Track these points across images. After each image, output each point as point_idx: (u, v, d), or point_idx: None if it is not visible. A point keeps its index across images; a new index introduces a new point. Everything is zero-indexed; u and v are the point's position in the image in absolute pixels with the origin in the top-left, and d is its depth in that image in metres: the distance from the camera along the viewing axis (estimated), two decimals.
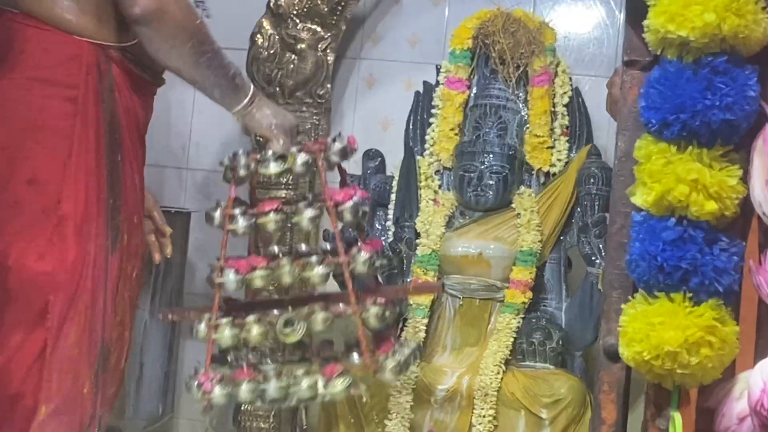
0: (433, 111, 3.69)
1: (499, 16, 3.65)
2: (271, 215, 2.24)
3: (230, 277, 2.24)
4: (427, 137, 3.70)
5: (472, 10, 3.71)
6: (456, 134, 3.65)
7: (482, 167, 3.55)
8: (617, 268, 1.74)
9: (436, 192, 3.66)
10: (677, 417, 1.67)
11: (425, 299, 3.53)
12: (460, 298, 3.54)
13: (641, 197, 1.68)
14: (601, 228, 3.31)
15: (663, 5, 1.63)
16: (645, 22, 1.67)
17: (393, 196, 3.69)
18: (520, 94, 3.64)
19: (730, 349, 1.64)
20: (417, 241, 3.60)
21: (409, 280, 3.56)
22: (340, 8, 3.68)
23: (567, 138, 3.62)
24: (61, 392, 2.37)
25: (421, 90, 3.75)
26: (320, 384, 2.15)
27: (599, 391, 1.76)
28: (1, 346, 2.35)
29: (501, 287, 3.52)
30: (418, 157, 3.69)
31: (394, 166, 3.74)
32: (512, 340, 3.43)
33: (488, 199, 3.56)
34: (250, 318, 2.23)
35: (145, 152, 2.63)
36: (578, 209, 3.51)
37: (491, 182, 3.55)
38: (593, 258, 3.33)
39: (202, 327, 2.25)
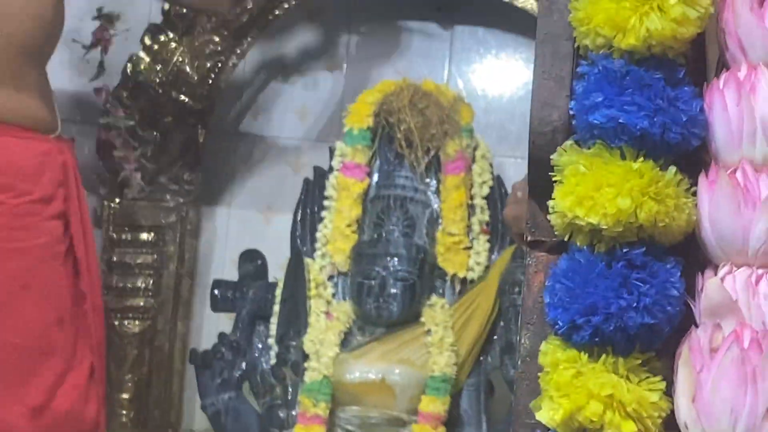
0: (326, 203, 3.58)
1: (405, 89, 3.60)
2: None
3: None
4: (318, 234, 3.61)
5: (374, 80, 3.66)
6: (353, 231, 3.57)
7: (385, 273, 3.51)
8: None
9: (329, 302, 3.59)
10: None
11: None
12: None
13: (547, 414, 1.65)
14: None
15: (570, 185, 1.60)
16: (549, 201, 1.68)
17: (276, 308, 3.67)
18: (431, 184, 3.62)
19: None
20: (305, 364, 3.57)
21: (295, 413, 3.56)
22: (212, 75, 3.68)
23: (487, 237, 3.60)
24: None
25: (311, 176, 3.73)
26: None
27: None
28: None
29: (408, 421, 3.50)
30: (308, 259, 3.64)
31: (279, 267, 3.73)
32: None
33: (392, 312, 3.50)
34: None
35: None
36: (501, 323, 3.52)
37: (396, 291, 3.50)
38: None
39: None
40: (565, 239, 1.69)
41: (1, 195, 2.66)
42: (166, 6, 3.51)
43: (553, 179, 1.68)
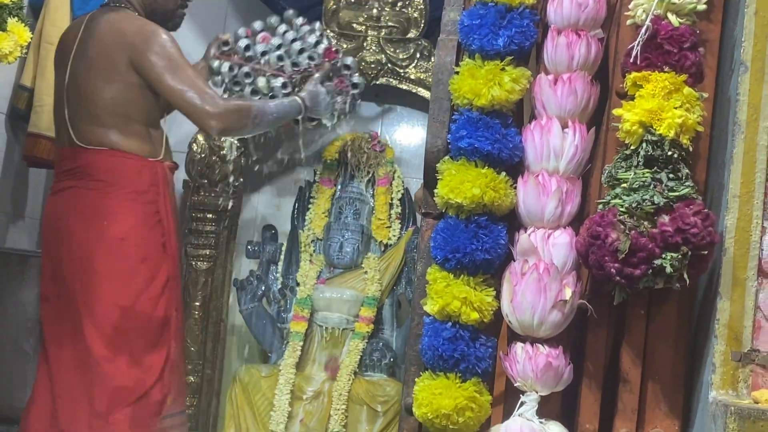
0: (311, 200, 3.63)
1: (357, 139, 3.58)
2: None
3: None
4: (306, 217, 3.64)
5: (340, 132, 3.67)
6: (326, 216, 3.58)
7: (342, 239, 3.50)
8: (415, 351, 1.72)
9: (311, 255, 3.59)
10: None
11: (301, 328, 3.46)
12: (325, 328, 3.49)
13: (430, 307, 1.66)
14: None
15: (447, 180, 1.63)
16: (435, 190, 1.66)
17: (282, 257, 3.62)
18: (369, 191, 3.60)
19: (486, 412, 1.64)
20: (297, 288, 3.53)
21: (291, 315, 3.50)
22: None
23: (399, 221, 3.59)
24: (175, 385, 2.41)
25: (303, 185, 3.70)
26: None
27: None
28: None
29: (353, 321, 3.47)
30: (300, 231, 3.63)
31: (284, 235, 3.67)
32: (359, 357, 3.39)
33: (346, 261, 3.49)
34: None
35: None
36: (405, 268, 3.48)
37: (348, 249, 3.48)
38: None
39: None
40: (443, 211, 1.64)
41: (110, 187, 2.40)
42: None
43: (437, 177, 1.64)
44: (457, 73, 1.67)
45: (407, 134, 3.73)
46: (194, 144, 3.59)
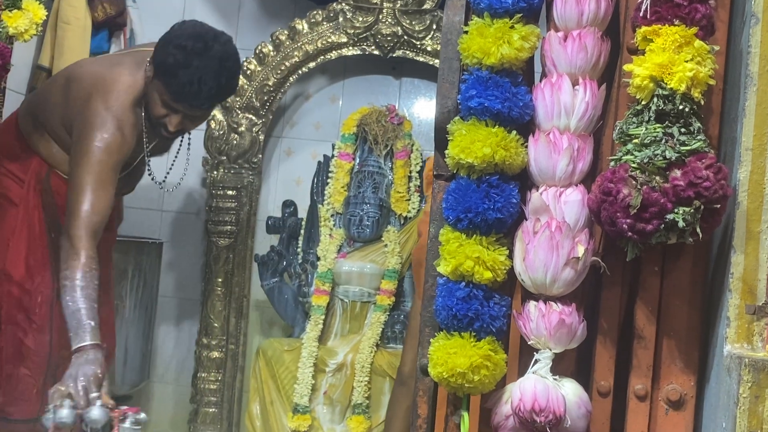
0: (330, 174, 3.66)
1: (374, 112, 3.63)
2: None
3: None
4: (325, 192, 3.67)
5: (357, 107, 3.69)
6: (345, 190, 3.62)
7: (362, 213, 3.53)
8: (429, 312, 1.73)
9: (331, 229, 3.63)
10: (465, 415, 1.66)
11: (322, 301, 3.50)
12: (346, 301, 3.52)
13: (443, 267, 1.66)
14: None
15: (457, 141, 1.62)
16: (446, 151, 1.66)
17: (302, 232, 3.65)
18: (388, 164, 3.62)
19: (501, 370, 1.64)
20: (318, 262, 3.57)
21: (312, 289, 3.53)
22: (268, 104, 3.64)
23: (418, 194, 3.61)
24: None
25: (322, 160, 3.72)
26: None
27: (416, 395, 1.75)
28: None
29: (374, 293, 3.51)
30: (319, 205, 3.66)
31: (303, 210, 3.70)
32: (381, 329, 3.43)
33: (366, 234, 3.54)
34: None
35: None
36: None
37: (368, 223, 3.53)
38: None
39: None
40: (454, 172, 1.65)
41: None
42: None
43: (448, 138, 1.65)
44: (466, 32, 1.67)
45: (425, 107, 3.74)
46: (212, 121, 3.62)
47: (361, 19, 3.53)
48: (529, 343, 1.66)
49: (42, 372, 2.37)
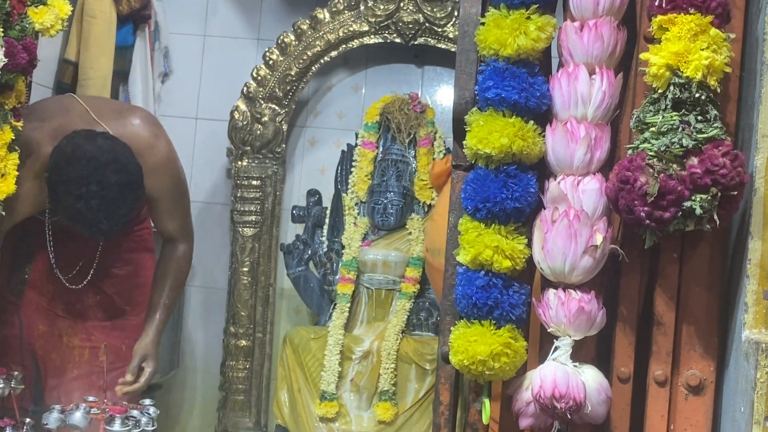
0: (354, 163, 3.70)
1: (397, 100, 3.66)
2: None
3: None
4: (349, 181, 3.71)
5: (380, 95, 3.71)
6: (369, 179, 3.65)
7: (386, 201, 3.57)
8: (450, 301, 1.75)
9: (355, 218, 3.67)
10: (487, 402, 1.69)
11: (348, 289, 3.54)
12: (371, 289, 3.56)
13: (462, 257, 1.69)
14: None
15: (475, 131, 1.64)
16: (464, 142, 1.68)
17: (327, 221, 3.70)
18: (411, 152, 3.65)
19: (521, 357, 1.66)
20: (343, 250, 3.61)
21: (337, 277, 3.58)
22: (290, 94, 3.67)
23: None
24: None
25: (345, 149, 3.76)
26: None
27: (438, 383, 1.79)
28: None
29: (398, 281, 3.55)
30: (344, 194, 3.70)
31: (328, 198, 3.75)
32: (406, 317, 3.47)
33: (390, 223, 3.57)
34: None
35: None
36: None
37: (392, 211, 3.56)
38: None
39: None
40: (473, 162, 1.68)
41: None
42: None
43: (466, 129, 1.68)
44: (483, 24, 1.69)
45: (447, 94, 3.76)
46: (236, 112, 3.68)
47: (382, 6, 3.56)
48: (548, 330, 1.68)
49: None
